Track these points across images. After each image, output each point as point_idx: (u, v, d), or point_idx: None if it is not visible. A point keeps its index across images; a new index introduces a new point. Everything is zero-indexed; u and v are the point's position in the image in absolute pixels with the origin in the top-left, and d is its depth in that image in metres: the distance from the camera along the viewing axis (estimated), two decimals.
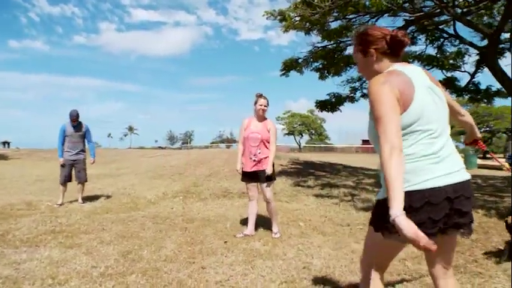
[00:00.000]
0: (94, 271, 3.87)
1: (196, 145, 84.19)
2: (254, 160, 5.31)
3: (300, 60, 11.75)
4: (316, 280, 3.55)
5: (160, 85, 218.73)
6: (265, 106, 5.38)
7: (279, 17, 9.18)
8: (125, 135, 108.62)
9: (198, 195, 9.15)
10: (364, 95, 13.27)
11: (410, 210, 1.79)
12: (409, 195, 1.81)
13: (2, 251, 4.63)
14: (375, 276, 2.24)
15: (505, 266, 3.86)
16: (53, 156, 7.89)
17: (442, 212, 1.88)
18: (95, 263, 4.12)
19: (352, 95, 13.31)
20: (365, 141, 68.83)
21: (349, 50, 12.77)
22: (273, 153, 5.35)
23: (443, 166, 1.92)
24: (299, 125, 72.08)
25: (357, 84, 13.17)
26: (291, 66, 11.99)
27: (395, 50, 2.07)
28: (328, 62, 11.78)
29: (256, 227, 5.71)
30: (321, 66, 12.29)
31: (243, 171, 5.44)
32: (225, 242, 4.98)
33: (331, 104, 13.30)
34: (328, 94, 13.42)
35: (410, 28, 11.35)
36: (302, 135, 74.74)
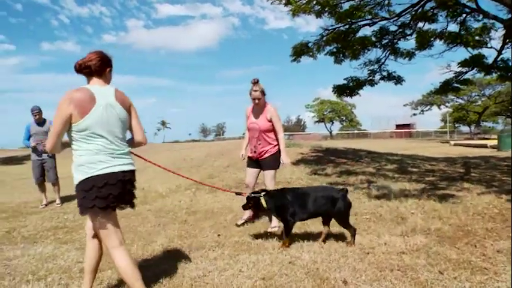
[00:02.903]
0: (76, 266, 3.86)
1: (230, 136, 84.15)
2: (255, 152, 5.17)
3: (310, 45, 11.37)
4: (296, 276, 3.36)
5: (191, 79, 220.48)
6: (258, 99, 4.99)
7: (283, 1, 8.86)
8: (158, 130, 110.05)
9: (210, 187, 9.03)
10: (383, 78, 12.78)
11: (94, 188, 2.63)
12: (93, 179, 2.64)
13: (1, 248, 4.69)
14: (92, 244, 3.00)
15: None
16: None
17: (117, 190, 2.70)
18: (82, 258, 4.05)
19: (371, 78, 12.82)
20: (399, 126, 67.20)
21: (363, 32, 12.26)
22: (282, 140, 5.10)
23: (117, 160, 2.75)
24: (329, 112, 70.98)
25: (376, 66, 12.67)
26: (301, 51, 11.60)
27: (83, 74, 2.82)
28: (342, 45, 11.35)
29: (256, 219, 5.55)
30: (335, 49, 11.88)
31: (248, 157, 5.30)
32: (218, 235, 4.86)
33: (349, 89, 12.86)
34: (346, 78, 13.00)
35: (429, 4, 10.75)
36: (333, 123, 73.68)
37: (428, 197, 6.59)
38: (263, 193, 4.43)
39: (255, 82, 5.00)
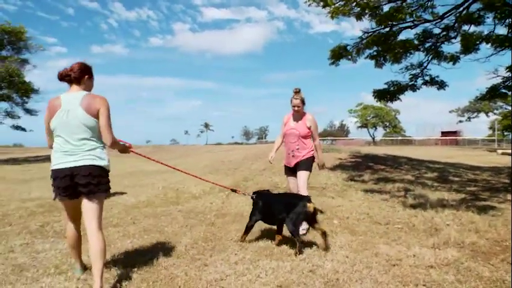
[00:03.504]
0: None
1: (272, 140, 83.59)
2: (293, 156, 5.33)
3: (349, 48, 11.08)
4: (314, 286, 3.24)
5: (236, 82, 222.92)
6: (298, 107, 5.29)
7: (321, 3, 8.69)
8: (201, 132, 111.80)
9: (244, 190, 8.99)
10: (426, 82, 12.29)
11: (51, 180, 3.24)
12: (52, 171, 3.21)
13: (32, 241, 4.85)
14: (67, 225, 3.51)
15: None
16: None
17: (65, 183, 3.18)
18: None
19: (412, 82, 12.36)
20: (444, 133, 64.79)
21: (405, 34, 11.84)
22: (319, 146, 5.50)
23: (69, 157, 3.16)
24: (372, 117, 69.50)
25: (418, 70, 12.19)
26: (339, 54, 11.33)
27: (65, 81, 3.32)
28: (383, 48, 11.00)
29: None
30: (375, 53, 11.53)
31: (285, 165, 5.52)
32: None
33: (389, 93, 12.46)
34: (386, 83, 12.61)
35: (474, 6, 10.22)
36: (376, 128, 72.01)
37: (467, 208, 6.25)
38: (252, 194, 4.79)
39: (297, 91, 5.29)
